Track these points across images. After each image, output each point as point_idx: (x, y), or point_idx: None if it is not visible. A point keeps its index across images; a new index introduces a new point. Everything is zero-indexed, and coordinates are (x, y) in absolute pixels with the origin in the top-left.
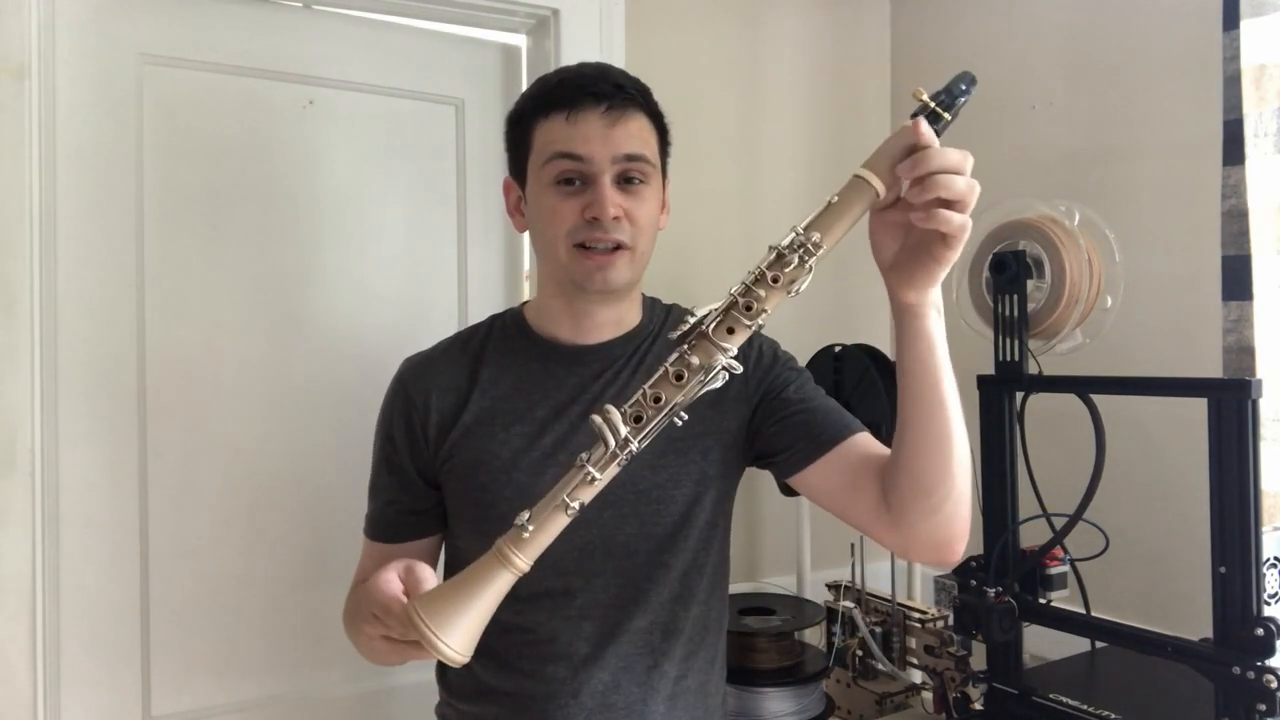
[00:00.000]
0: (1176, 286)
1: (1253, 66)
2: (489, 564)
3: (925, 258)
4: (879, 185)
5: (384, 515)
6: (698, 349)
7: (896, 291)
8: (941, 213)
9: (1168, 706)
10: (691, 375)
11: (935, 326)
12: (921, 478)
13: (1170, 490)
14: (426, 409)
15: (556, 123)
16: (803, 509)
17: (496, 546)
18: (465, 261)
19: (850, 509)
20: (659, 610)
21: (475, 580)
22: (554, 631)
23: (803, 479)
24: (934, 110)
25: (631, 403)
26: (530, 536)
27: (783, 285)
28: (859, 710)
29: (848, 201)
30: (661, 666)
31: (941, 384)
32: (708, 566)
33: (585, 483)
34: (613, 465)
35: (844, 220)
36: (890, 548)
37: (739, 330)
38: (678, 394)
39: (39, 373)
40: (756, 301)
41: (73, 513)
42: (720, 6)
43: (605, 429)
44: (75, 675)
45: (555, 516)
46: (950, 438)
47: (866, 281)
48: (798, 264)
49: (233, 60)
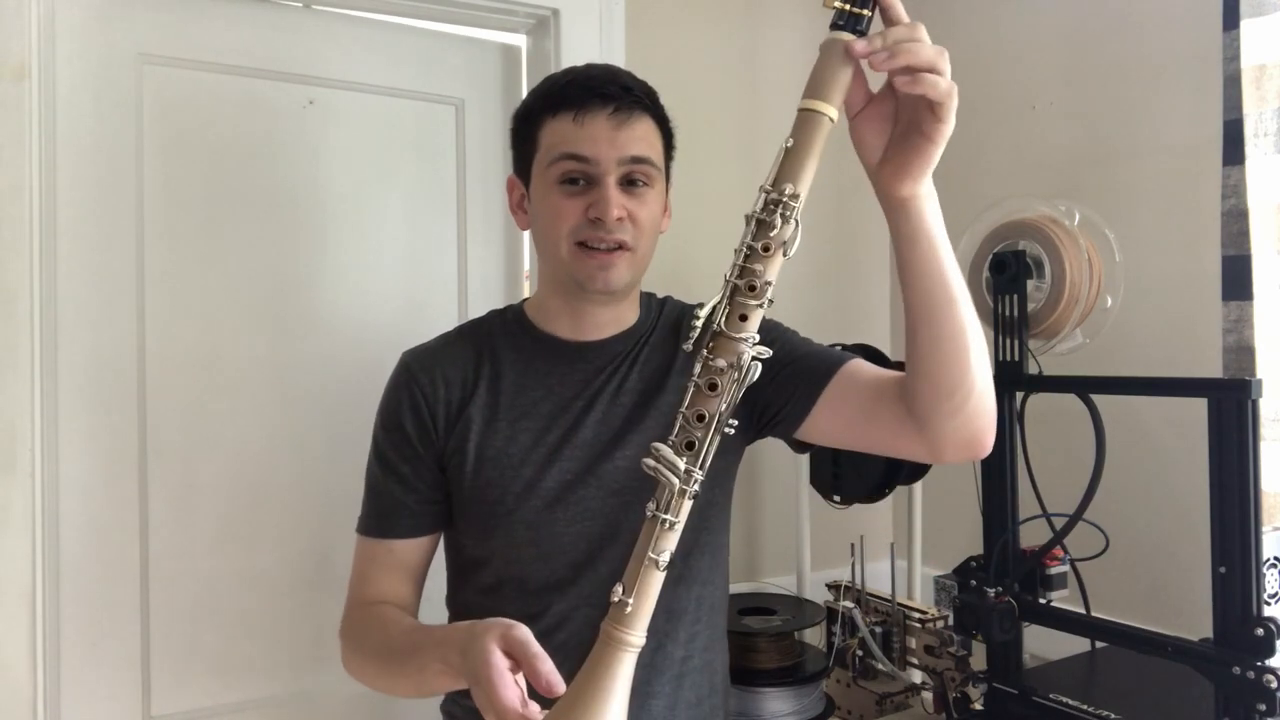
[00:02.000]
0: (1176, 286)
1: (1253, 66)
2: (607, 654)
3: (917, 139)
4: (829, 110)
5: (391, 508)
6: (718, 349)
7: (890, 186)
8: (927, 76)
9: (1168, 706)
10: (725, 379)
11: (934, 218)
12: (942, 380)
13: (1170, 490)
14: (434, 398)
15: (564, 123)
16: (803, 509)
17: (605, 633)
18: (465, 261)
19: (870, 434)
20: (660, 592)
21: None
22: (560, 620)
23: (811, 425)
24: (851, 12)
25: (677, 431)
26: (634, 610)
27: (775, 250)
28: (859, 710)
29: (805, 139)
30: (666, 648)
31: (949, 279)
32: (708, 546)
33: (665, 530)
34: (684, 501)
35: (809, 160)
36: (920, 458)
37: (751, 314)
38: (719, 403)
39: (39, 373)
40: (756, 278)
41: (73, 513)
42: (720, 6)
43: (663, 470)
44: (75, 675)
45: (649, 576)
46: (964, 333)
47: (866, 281)
48: (781, 223)
49: (233, 60)
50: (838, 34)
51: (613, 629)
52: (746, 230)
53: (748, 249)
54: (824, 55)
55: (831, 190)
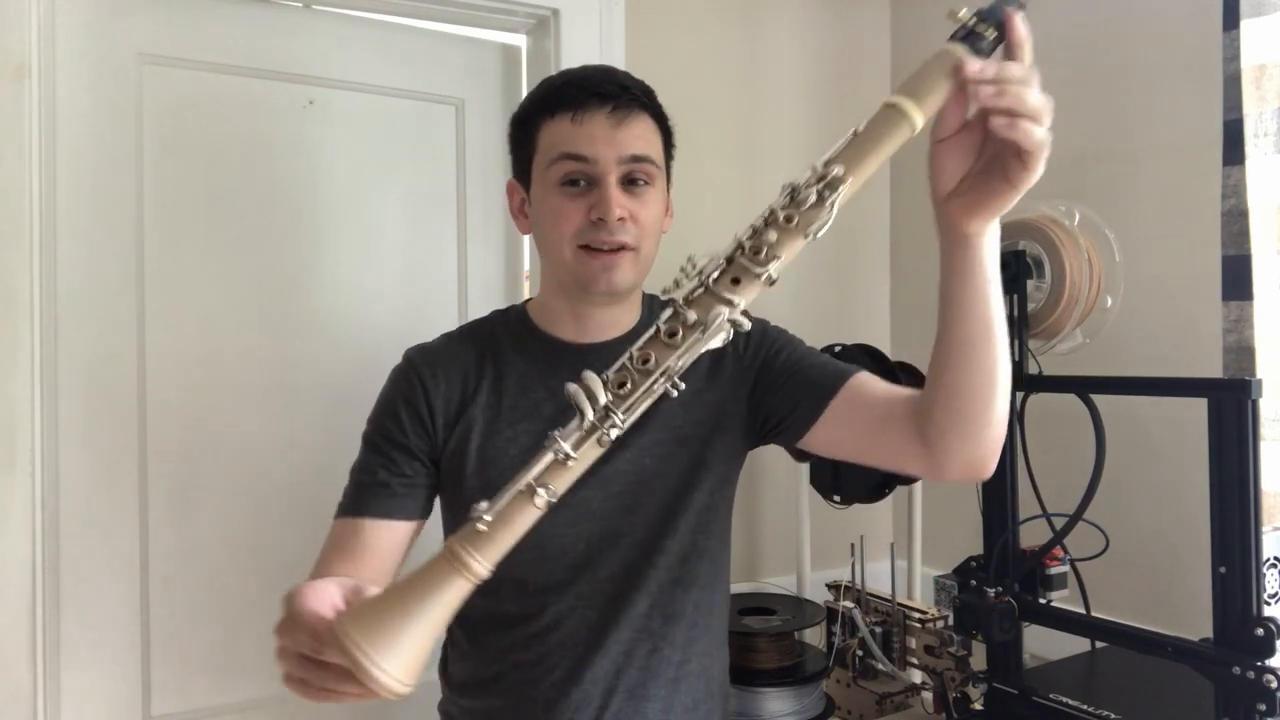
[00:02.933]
0: (1176, 286)
1: (1253, 66)
2: (438, 569)
3: (998, 182)
4: (916, 116)
5: (370, 486)
6: (696, 304)
7: (957, 221)
8: (1024, 124)
9: (1168, 706)
10: (688, 333)
11: (992, 257)
12: (966, 412)
13: (1170, 490)
14: (435, 394)
15: (562, 123)
16: (803, 509)
17: (447, 546)
18: (465, 261)
19: (873, 449)
20: (658, 594)
21: (421, 589)
22: (556, 620)
23: (814, 436)
24: (973, 30)
25: (616, 368)
26: (489, 532)
27: (798, 228)
28: (859, 710)
29: (878, 133)
30: (662, 651)
31: (993, 318)
32: (708, 551)
33: (558, 464)
34: (591, 442)
35: (873, 155)
36: (920, 475)
37: (746, 281)
38: (670, 355)
39: (39, 372)
40: (766, 245)
41: (73, 513)
42: (720, 6)
43: (581, 396)
44: (75, 675)
45: (521, 507)
46: (997, 370)
47: (866, 281)
48: (815, 202)
49: (233, 60)
50: (953, 46)
51: (458, 547)
52: (778, 197)
53: (769, 213)
54: (931, 63)
55: None
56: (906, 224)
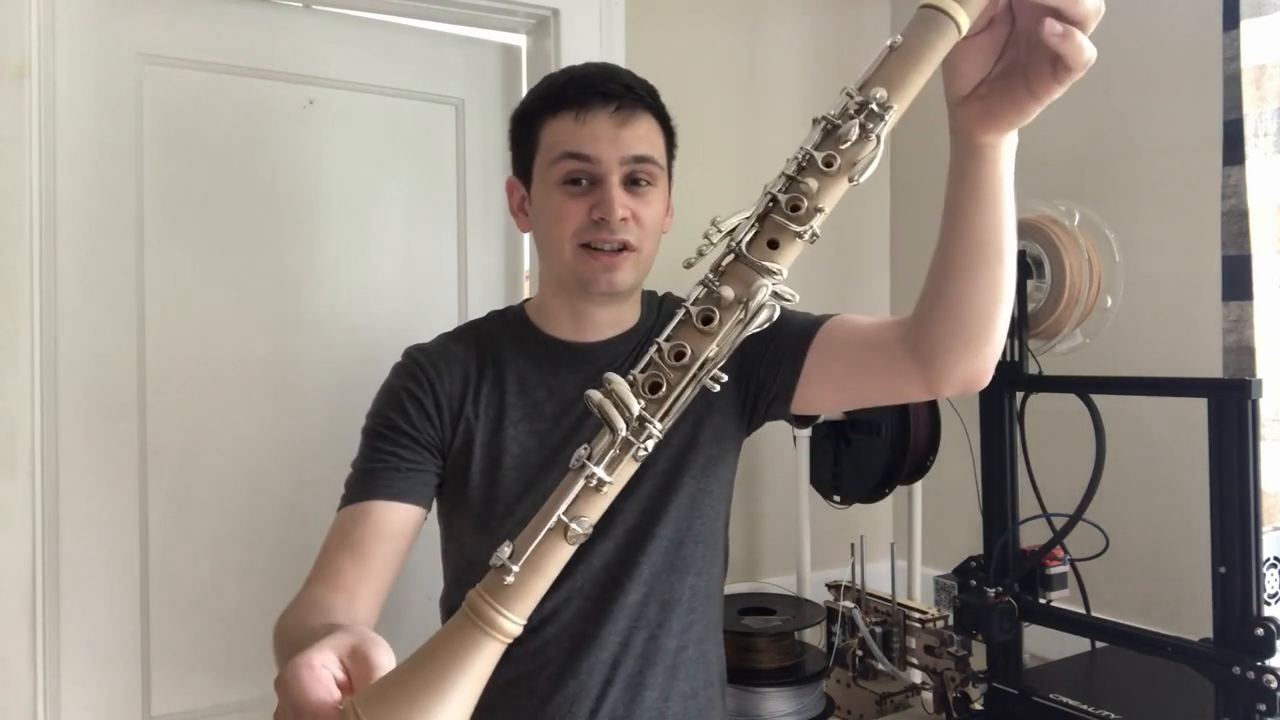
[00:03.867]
0: (1176, 286)
1: (1253, 66)
2: (463, 632)
3: (1021, 91)
4: (961, 16)
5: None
6: (729, 275)
7: (971, 129)
8: (1080, 36)
9: (1168, 706)
10: (725, 314)
11: (1007, 166)
12: (967, 328)
13: (1170, 490)
14: (439, 390)
15: (565, 122)
16: (803, 509)
17: (469, 604)
18: (465, 261)
19: (865, 384)
20: (653, 582)
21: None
22: (552, 613)
23: (805, 392)
24: None
25: (644, 365)
26: (516, 583)
27: (841, 170)
28: (859, 710)
29: (920, 42)
30: (659, 638)
31: (1003, 234)
32: (702, 535)
33: (590, 491)
34: (627, 459)
35: (919, 69)
36: (917, 396)
37: (785, 242)
38: (709, 344)
39: (39, 372)
40: (806, 198)
41: (73, 513)
42: (720, 6)
43: (610, 407)
44: (75, 675)
45: (553, 547)
46: (1004, 288)
47: (866, 281)
48: (859, 136)
49: (233, 60)
50: None
51: (482, 602)
52: (810, 135)
53: (804, 157)
54: None
55: None
56: (906, 224)
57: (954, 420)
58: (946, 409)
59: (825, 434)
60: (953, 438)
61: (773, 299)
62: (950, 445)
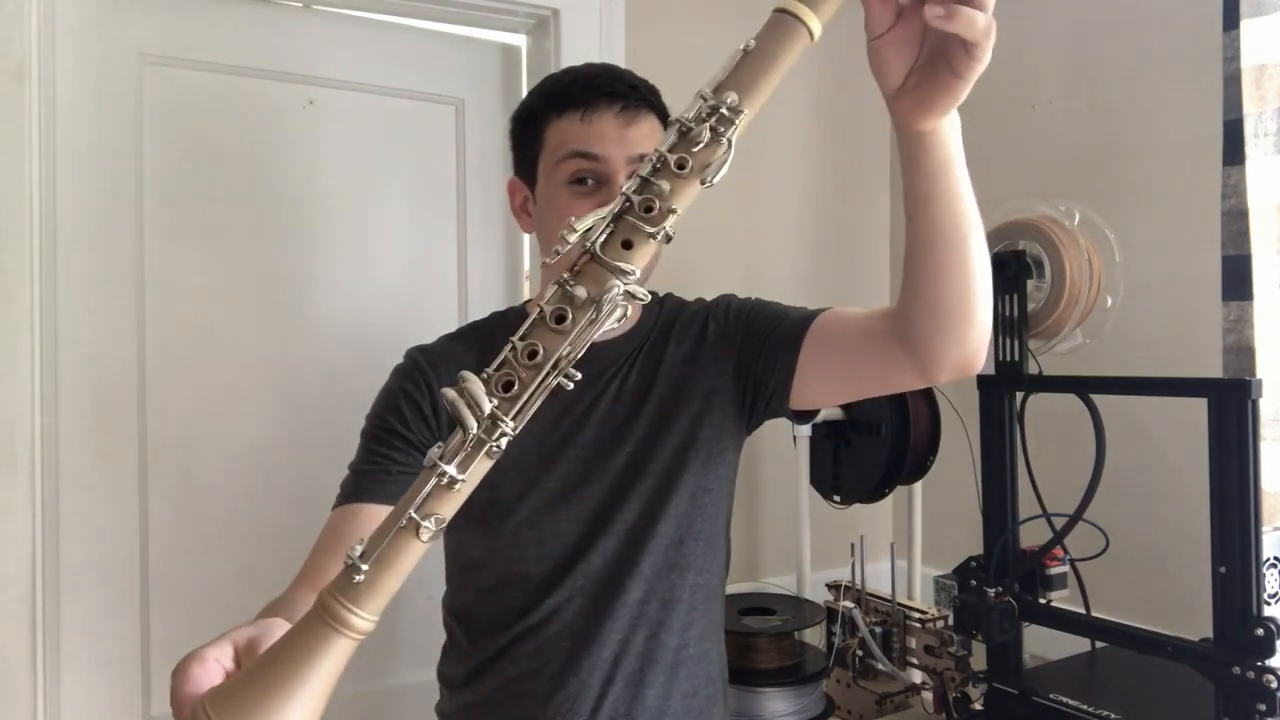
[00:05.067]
0: (1176, 286)
1: (1253, 66)
2: (313, 629)
3: (945, 74)
4: (812, 21)
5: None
6: (583, 277)
7: (909, 119)
8: (965, 11)
9: (1168, 706)
10: (578, 314)
11: (956, 149)
12: (946, 312)
13: (1170, 490)
14: (436, 391)
15: (571, 122)
16: (803, 509)
17: (319, 599)
18: (465, 261)
19: (861, 376)
20: (654, 580)
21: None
22: (553, 611)
23: (803, 387)
24: None
25: (498, 364)
26: (368, 579)
27: (693, 172)
28: (859, 710)
29: (772, 48)
30: (660, 636)
31: (964, 213)
32: (703, 533)
33: (443, 489)
34: (480, 457)
35: (769, 74)
36: (913, 385)
37: (638, 243)
38: (561, 343)
39: (39, 373)
40: (657, 198)
41: (73, 512)
42: (720, 6)
43: (462, 405)
44: (75, 675)
45: (404, 545)
46: (973, 265)
47: (866, 281)
48: (710, 140)
49: (233, 60)
50: None
51: (333, 601)
52: (665, 137)
53: (658, 159)
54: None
55: (831, 184)
56: None
57: (954, 420)
58: (946, 409)
59: (825, 434)
60: (953, 438)
61: (625, 298)
62: (950, 445)
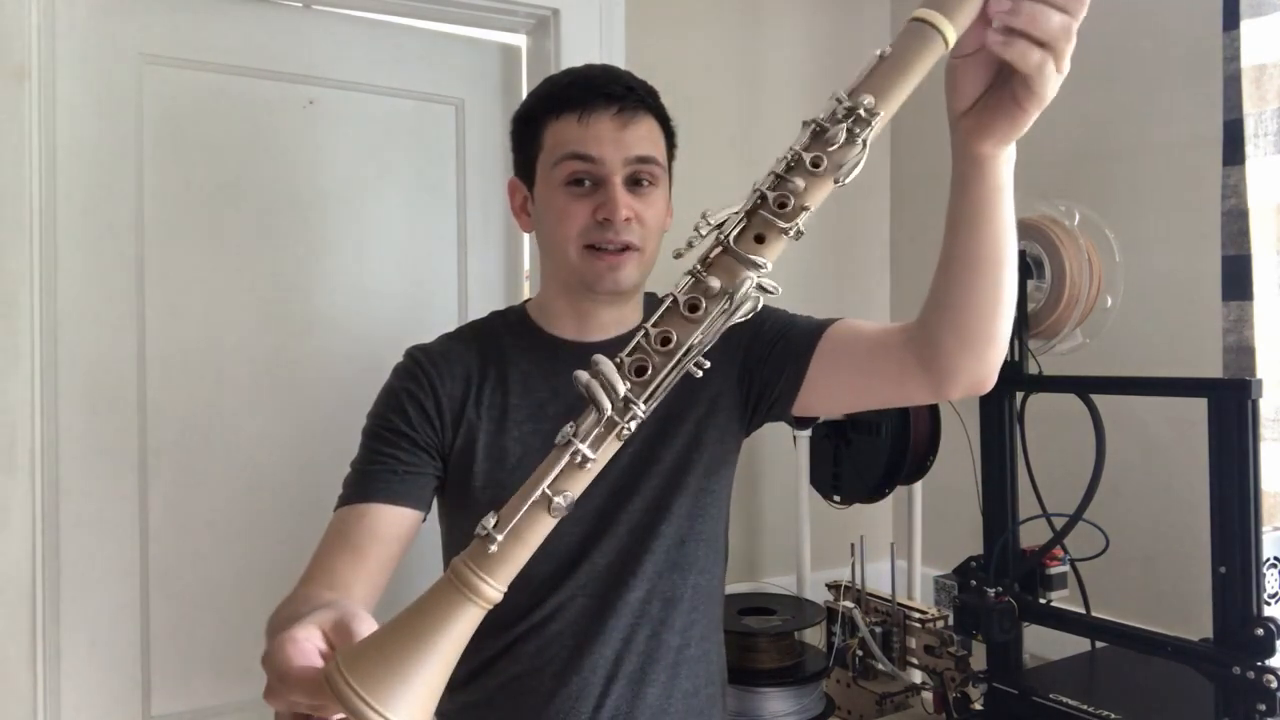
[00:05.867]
0: (1176, 286)
1: (1253, 66)
2: (444, 596)
3: (1009, 101)
4: (948, 30)
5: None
6: (716, 268)
7: (969, 140)
8: (1019, 43)
9: (1168, 706)
10: (711, 304)
11: (1006, 176)
12: (972, 330)
13: (1170, 490)
14: (441, 391)
15: (568, 123)
16: (803, 509)
17: (453, 569)
18: (465, 261)
19: (871, 388)
20: (656, 580)
21: (427, 620)
22: (556, 610)
23: (809, 395)
24: None
25: (631, 349)
26: (500, 551)
27: (828, 171)
28: (859, 710)
29: (908, 54)
30: (661, 636)
31: (1003, 240)
32: (705, 535)
33: (575, 467)
34: (611, 438)
35: (906, 78)
36: (922, 400)
37: (771, 237)
38: (694, 331)
39: (39, 373)
40: (791, 195)
41: (73, 513)
42: (720, 6)
43: (597, 387)
44: (75, 675)
45: (536, 519)
46: (1004, 290)
47: (866, 281)
48: (846, 140)
49: (233, 60)
50: None
51: (465, 569)
52: (800, 136)
53: (793, 157)
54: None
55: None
56: (906, 225)
57: (954, 420)
58: (946, 409)
59: (825, 434)
60: (953, 438)
61: (757, 291)
62: (950, 445)
